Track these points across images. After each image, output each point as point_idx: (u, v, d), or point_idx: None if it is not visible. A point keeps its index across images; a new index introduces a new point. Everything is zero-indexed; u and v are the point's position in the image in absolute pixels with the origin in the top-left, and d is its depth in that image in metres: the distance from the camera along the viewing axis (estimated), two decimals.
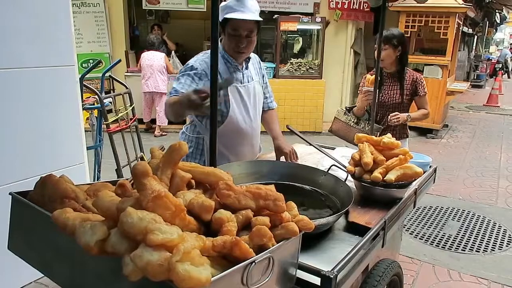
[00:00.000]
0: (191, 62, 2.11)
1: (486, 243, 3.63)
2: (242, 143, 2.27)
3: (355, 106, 3.04)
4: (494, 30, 20.32)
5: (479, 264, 3.28)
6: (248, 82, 2.24)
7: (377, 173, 1.70)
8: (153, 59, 6.87)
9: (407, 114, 2.90)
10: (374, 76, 2.98)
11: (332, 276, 1.13)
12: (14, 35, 2.49)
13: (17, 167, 2.56)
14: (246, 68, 2.24)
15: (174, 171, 1.05)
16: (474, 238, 3.72)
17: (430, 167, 2.27)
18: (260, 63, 2.43)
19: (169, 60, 7.45)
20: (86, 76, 3.49)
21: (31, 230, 1.06)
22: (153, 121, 7.38)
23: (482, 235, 3.78)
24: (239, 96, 2.18)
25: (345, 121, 3.01)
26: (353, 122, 2.96)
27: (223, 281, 0.81)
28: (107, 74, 4.03)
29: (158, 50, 7.01)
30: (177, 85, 2.02)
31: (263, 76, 2.43)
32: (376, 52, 2.64)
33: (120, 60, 4.02)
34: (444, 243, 3.61)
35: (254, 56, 2.39)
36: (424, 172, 2.00)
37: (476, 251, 3.49)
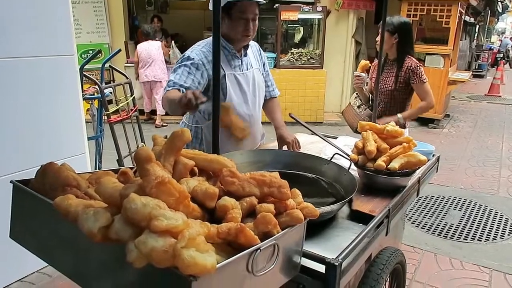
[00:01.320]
0: (187, 53, 2.07)
1: (488, 232, 3.63)
2: None
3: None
4: (496, 20, 20.17)
5: (481, 253, 3.28)
6: (247, 69, 2.20)
7: (380, 161, 1.68)
8: (150, 48, 6.81)
9: (397, 116, 2.83)
10: (367, 61, 2.96)
11: (337, 264, 1.12)
12: (13, 25, 2.46)
13: (17, 157, 2.55)
14: (245, 55, 2.20)
15: (177, 158, 1.03)
16: (476, 227, 3.72)
17: (433, 155, 2.25)
18: (260, 50, 2.39)
19: (169, 51, 7.39)
20: (85, 67, 3.47)
21: (32, 218, 1.05)
22: (153, 112, 7.35)
23: (483, 224, 3.78)
24: (237, 84, 2.15)
25: (352, 104, 3.00)
26: (356, 106, 2.95)
27: (228, 268, 0.80)
28: (107, 65, 4.00)
29: (154, 40, 6.95)
30: (174, 77, 1.98)
31: (264, 64, 2.39)
32: (378, 39, 2.61)
33: (120, 50, 3.99)
34: (446, 232, 3.61)
35: (254, 44, 2.35)
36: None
37: (478, 240, 3.49)
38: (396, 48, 2.90)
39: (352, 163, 1.80)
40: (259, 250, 0.86)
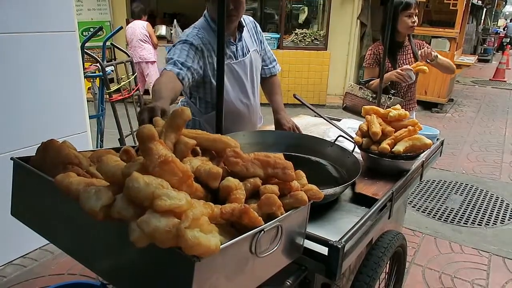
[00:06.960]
0: (183, 36, 1.92)
1: (488, 217, 3.64)
2: (240, 123, 2.13)
3: (371, 80, 2.82)
4: (504, 3, 19.80)
5: (480, 237, 3.29)
6: (244, 55, 2.05)
7: (385, 144, 1.66)
8: (134, 28, 6.62)
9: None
10: (426, 68, 2.66)
11: (340, 246, 1.11)
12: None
13: (18, 135, 2.54)
14: (240, 39, 2.04)
15: (178, 137, 1.01)
16: (476, 212, 3.73)
17: (437, 139, 2.23)
18: (256, 26, 2.19)
19: (171, 30, 7.25)
20: (86, 45, 3.42)
21: (33, 196, 1.04)
22: (146, 92, 7.21)
23: (484, 209, 3.79)
24: (232, 75, 2.02)
25: (362, 96, 2.81)
26: (371, 97, 2.77)
27: (231, 249, 0.79)
28: (108, 43, 3.94)
29: (141, 19, 6.76)
30: (173, 55, 1.84)
31: (261, 42, 2.21)
32: (387, 22, 2.51)
33: (121, 28, 3.92)
34: (447, 216, 3.62)
35: (249, 21, 2.15)
36: None
37: (478, 224, 3.51)
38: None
39: (356, 146, 1.78)
40: (263, 232, 0.85)
